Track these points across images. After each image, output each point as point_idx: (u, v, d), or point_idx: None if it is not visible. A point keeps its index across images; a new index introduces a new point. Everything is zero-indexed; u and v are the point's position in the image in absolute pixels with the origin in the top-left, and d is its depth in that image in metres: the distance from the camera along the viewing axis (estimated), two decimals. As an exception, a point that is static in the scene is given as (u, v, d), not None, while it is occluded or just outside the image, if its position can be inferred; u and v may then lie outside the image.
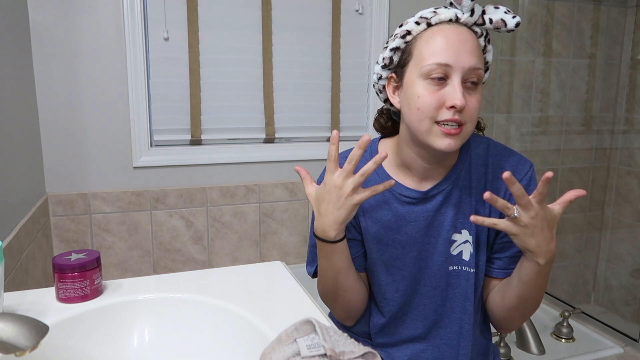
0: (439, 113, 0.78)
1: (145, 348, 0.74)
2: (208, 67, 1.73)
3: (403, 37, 0.82)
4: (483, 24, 0.80)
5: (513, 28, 0.79)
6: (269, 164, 1.85)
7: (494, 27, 0.80)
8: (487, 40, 0.83)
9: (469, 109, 0.78)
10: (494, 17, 0.79)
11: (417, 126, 0.80)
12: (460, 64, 0.76)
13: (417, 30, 0.81)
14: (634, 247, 2.19)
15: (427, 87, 0.78)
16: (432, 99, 0.78)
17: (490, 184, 0.88)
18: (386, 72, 0.88)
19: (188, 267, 1.80)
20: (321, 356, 0.56)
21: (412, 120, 0.81)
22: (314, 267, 0.95)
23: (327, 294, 0.93)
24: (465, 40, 0.78)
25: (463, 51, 0.77)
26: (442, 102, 0.77)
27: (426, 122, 0.79)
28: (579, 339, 1.57)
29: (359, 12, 1.87)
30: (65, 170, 1.62)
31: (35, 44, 1.52)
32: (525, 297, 0.85)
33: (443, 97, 0.77)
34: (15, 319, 0.52)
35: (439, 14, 0.80)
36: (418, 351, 0.94)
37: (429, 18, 0.80)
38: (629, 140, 2.21)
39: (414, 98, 0.80)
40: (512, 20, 0.79)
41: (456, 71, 0.77)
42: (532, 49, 2.14)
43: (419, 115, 0.79)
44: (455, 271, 0.89)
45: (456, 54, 0.76)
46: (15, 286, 1.11)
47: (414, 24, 0.81)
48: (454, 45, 0.77)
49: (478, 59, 0.78)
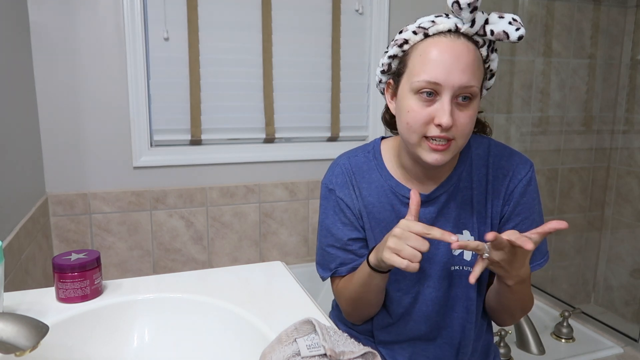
0: (427, 129, 0.77)
1: (145, 348, 0.74)
2: (208, 67, 1.73)
3: (400, 45, 0.81)
4: (484, 35, 0.77)
5: (515, 41, 0.76)
6: (269, 164, 1.85)
7: (495, 38, 0.77)
8: (490, 49, 0.81)
9: (460, 125, 0.77)
10: (495, 28, 0.76)
11: (407, 139, 0.81)
12: (450, 82, 0.74)
13: (414, 40, 0.79)
14: (634, 247, 2.19)
15: (417, 103, 0.78)
16: (420, 116, 0.77)
17: (491, 184, 0.89)
18: (385, 77, 0.88)
19: (188, 267, 1.80)
20: (321, 356, 0.56)
21: (402, 132, 0.82)
22: (328, 272, 0.96)
23: (348, 301, 0.94)
24: (459, 56, 0.75)
25: (455, 69, 0.74)
26: (430, 118, 0.77)
27: (415, 136, 0.79)
28: (579, 339, 1.57)
29: (359, 12, 1.87)
30: (65, 170, 1.62)
31: (35, 44, 1.52)
32: (507, 306, 0.88)
33: (432, 113, 0.76)
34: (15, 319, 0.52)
35: (438, 24, 0.77)
36: (420, 350, 0.95)
37: (427, 28, 0.78)
38: (629, 140, 2.21)
39: (404, 112, 0.80)
40: (515, 33, 0.75)
41: (446, 89, 0.75)
42: (532, 49, 2.14)
43: (408, 129, 0.79)
44: (457, 271, 0.89)
45: (447, 72, 0.74)
46: (15, 286, 1.11)
47: (412, 33, 0.79)
48: (446, 62, 0.75)
49: (471, 75, 0.75)
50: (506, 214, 0.89)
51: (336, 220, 0.93)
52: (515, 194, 0.88)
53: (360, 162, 0.94)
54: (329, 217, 0.94)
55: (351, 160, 0.95)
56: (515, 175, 0.88)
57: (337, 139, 1.93)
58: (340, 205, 0.92)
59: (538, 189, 0.91)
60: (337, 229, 0.93)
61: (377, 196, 0.91)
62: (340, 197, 0.92)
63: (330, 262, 0.95)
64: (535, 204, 0.89)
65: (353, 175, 0.93)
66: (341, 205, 0.92)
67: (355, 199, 0.92)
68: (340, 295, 0.95)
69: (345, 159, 0.96)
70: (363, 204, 0.91)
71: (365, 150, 0.96)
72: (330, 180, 0.95)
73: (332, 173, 0.95)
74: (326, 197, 0.95)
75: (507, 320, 0.95)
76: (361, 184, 0.92)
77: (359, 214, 0.92)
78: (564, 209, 2.28)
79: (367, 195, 0.91)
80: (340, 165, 0.95)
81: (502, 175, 0.88)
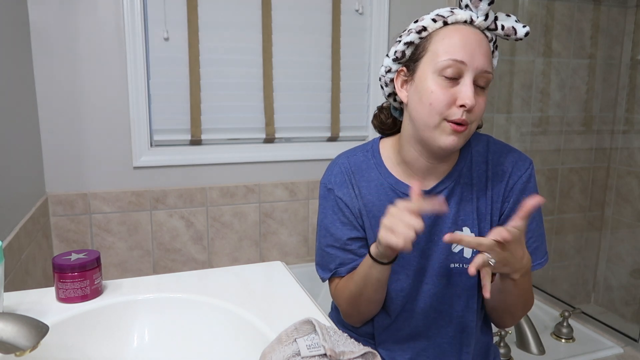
0: (449, 111, 0.79)
1: (145, 348, 0.74)
2: (208, 67, 1.73)
3: (419, 32, 0.82)
4: (495, 29, 0.81)
5: (522, 37, 0.81)
6: (269, 164, 1.85)
7: (504, 33, 0.81)
8: (495, 45, 0.85)
9: (477, 109, 0.79)
10: (506, 24, 0.81)
11: (426, 120, 0.81)
12: (474, 63, 0.77)
13: (433, 27, 0.82)
14: (634, 247, 2.19)
15: (440, 83, 0.79)
16: (444, 96, 0.78)
17: (490, 181, 0.89)
18: (396, 66, 0.88)
19: (188, 267, 1.80)
20: (321, 356, 0.56)
21: (421, 115, 0.81)
22: (328, 273, 0.95)
23: (347, 300, 0.93)
24: (481, 42, 0.79)
25: (478, 52, 0.78)
26: (453, 99, 0.78)
27: (436, 117, 0.79)
28: (579, 339, 1.57)
29: (359, 12, 1.87)
30: (65, 170, 1.62)
31: (35, 44, 1.52)
32: (510, 304, 0.87)
33: (455, 94, 0.78)
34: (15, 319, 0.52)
35: (456, 14, 0.81)
36: (420, 350, 0.94)
37: (446, 17, 0.81)
38: (629, 140, 2.21)
39: (426, 93, 0.80)
40: (522, 29, 0.81)
41: (469, 70, 0.78)
42: (532, 49, 2.14)
43: (429, 110, 0.80)
44: (457, 269, 0.89)
45: (471, 53, 0.78)
46: (15, 286, 1.11)
47: (431, 20, 0.82)
48: (470, 44, 0.78)
49: (489, 62, 0.80)
50: (506, 211, 0.89)
51: (335, 220, 0.93)
52: (514, 191, 0.88)
53: (359, 161, 0.94)
54: (327, 217, 0.94)
55: (350, 159, 0.95)
56: (514, 172, 0.88)
57: (337, 139, 1.93)
58: (339, 205, 0.92)
59: (537, 187, 0.91)
60: (336, 229, 0.93)
61: (376, 194, 0.91)
62: (339, 196, 0.92)
63: (330, 263, 0.94)
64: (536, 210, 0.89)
65: (352, 174, 0.93)
66: (340, 204, 0.92)
67: (354, 198, 0.92)
68: (339, 296, 0.95)
69: (344, 158, 0.96)
70: (363, 202, 0.91)
71: (364, 149, 0.96)
72: (329, 179, 0.95)
73: (331, 172, 0.95)
74: (325, 196, 0.95)
75: (509, 321, 0.94)
76: (360, 182, 0.92)
77: (359, 213, 0.92)
78: (564, 209, 2.28)
79: (367, 194, 0.91)
80: (339, 165, 0.95)
81: (502, 172, 0.89)
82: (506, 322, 0.95)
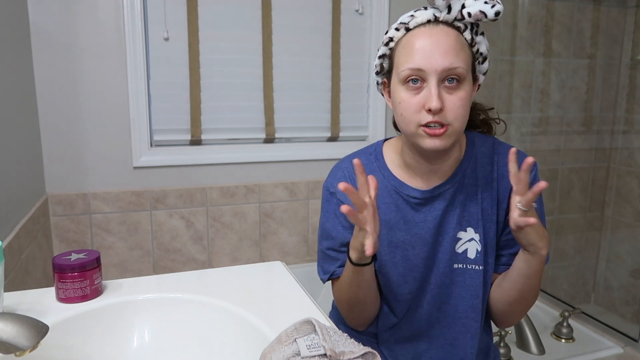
0: (420, 116, 0.79)
1: (145, 348, 0.74)
2: (208, 67, 1.73)
3: (386, 44, 0.85)
4: (463, 19, 0.79)
5: (494, 17, 0.77)
6: (269, 164, 1.85)
7: (474, 19, 0.79)
8: (474, 32, 0.82)
9: (451, 108, 0.78)
10: (472, 10, 0.78)
11: (405, 130, 0.83)
12: (433, 66, 0.77)
13: (397, 37, 0.83)
14: (634, 247, 2.19)
15: (406, 93, 0.80)
16: (411, 104, 0.79)
17: (496, 182, 0.89)
18: (380, 78, 0.91)
19: (188, 267, 1.80)
20: (321, 356, 0.56)
21: (401, 125, 0.84)
22: (327, 274, 0.96)
23: (344, 305, 0.94)
24: (439, 41, 0.78)
25: (435, 53, 0.77)
26: (420, 105, 0.79)
27: (411, 125, 0.80)
28: (579, 339, 1.57)
29: (359, 12, 1.87)
30: (65, 170, 1.62)
31: (35, 44, 1.52)
32: (527, 290, 0.86)
33: (421, 100, 0.79)
34: (15, 319, 0.52)
35: (416, 17, 0.81)
36: (421, 350, 0.94)
37: (407, 23, 0.81)
38: (629, 140, 2.21)
39: (397, 104, 0.82)
40: (491, 10, 0.77)
41: (430, 74, 0.77)
42: (532, 49, 2.14)
43: (403, 120, 0.82)
44: (460, 269, 0.89)
45: (428, 57, 0.77)
46: (15, 286, 1.11)
47: (395, 30, 0.83)
48: (426, 48, 0.78)
49: (454, 57, 0.77)
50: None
51: (337, 224, 0.93)
52: None
53: (363, 164, 0.94)
54: (329, 221, 0.94)
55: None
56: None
57: (337, 139, 1.93)
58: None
59: None
60: (338, 232, 0.93)
61: (380, 197, 0.91)
62: (341, 200, 0.92)
63: (330, 265, 0.95)
64: (538, 201, 0.89)
65: (355, 177, 0.93)
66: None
67: None
68: (339, 298, 0.95)
69: (347, 162, 0.96)
70: None
71: (367, 152, 0.97)
72: (331, 183, 0.95)
73: (334, 176, 0.96)
74: (328, 200, 0.95)
75: (514, 317, 0.93)
76: None
77: None
78: (564, 209, 2.28)
79: None
80: (342, 169, 0.95)
81: (508, 173, 0.89)
82: (511, 319, 0.94)
